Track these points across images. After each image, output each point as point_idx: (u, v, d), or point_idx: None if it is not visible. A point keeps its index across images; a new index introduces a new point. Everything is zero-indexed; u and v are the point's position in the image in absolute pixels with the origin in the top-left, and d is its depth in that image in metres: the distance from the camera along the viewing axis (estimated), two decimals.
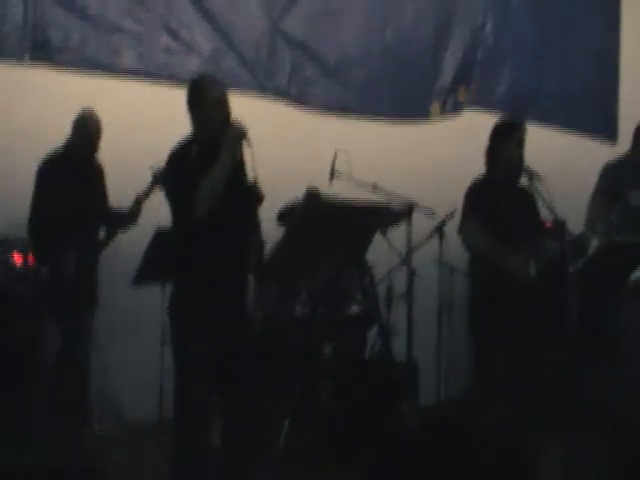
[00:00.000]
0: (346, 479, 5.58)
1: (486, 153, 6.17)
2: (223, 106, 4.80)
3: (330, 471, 5.69)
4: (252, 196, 4.82)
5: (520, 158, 6.08)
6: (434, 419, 6.15)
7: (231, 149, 4.71)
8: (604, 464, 5.74)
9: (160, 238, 6.26)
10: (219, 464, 4.97)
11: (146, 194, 6.43)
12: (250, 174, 4.80)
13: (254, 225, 5.10)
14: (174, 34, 7.50)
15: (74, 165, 6.44)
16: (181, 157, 4.80)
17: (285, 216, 6.40)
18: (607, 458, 5.81)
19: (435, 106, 8.37)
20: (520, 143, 6.09)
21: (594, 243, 6.69)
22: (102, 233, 6.66)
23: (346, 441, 5.82)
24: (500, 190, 6.06)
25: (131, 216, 6.50)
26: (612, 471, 5.53)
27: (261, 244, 5.16)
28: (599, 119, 9.09)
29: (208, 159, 4.69)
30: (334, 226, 5.25)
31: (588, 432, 6.32)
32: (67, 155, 6.48)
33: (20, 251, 6.72)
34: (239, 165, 4.84)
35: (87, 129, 6.44)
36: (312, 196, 6.58)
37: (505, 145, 6.08)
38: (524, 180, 6.14)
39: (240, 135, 4.72)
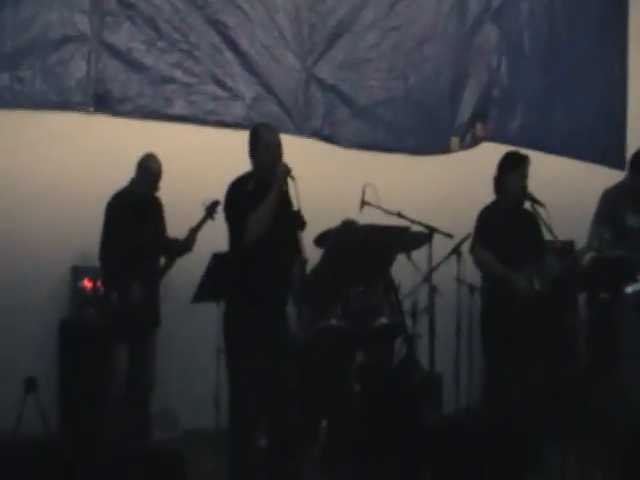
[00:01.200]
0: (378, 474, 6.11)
1: (494, 182, 6.89)
2: (276, 148, 5.49)
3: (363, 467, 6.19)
4: (297, 222, 5.40)
5: (524, 187, 6.74)
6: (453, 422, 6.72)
7: (278, 184, 5.33)
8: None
9: (217, 261, 6.50)
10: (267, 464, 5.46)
11: (199, 225, 7.01)
12: (295, 204, 5.40)
13: (298, 247, 5.48)
14: (220, 83, 8.13)
15: (138, 202, 6.93)
16: (239, 190, 5.46)
17: (320, 240, 6.83)
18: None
19: (455, 141, 9.07)
20: (524, 174, 6.77)
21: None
22: (162, 261, 7.16)
23: (377, 439, 6.28)
24: (506, 215, 6.75)
25: (187, 245, 7.04)
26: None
27: (304, 264, 5.51)
28: (607, 149, 9.73)
29: (262, 193, 5.34)
30: (364, 247, 5.78)
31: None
32: (132, 193, 6.96)
33: (90, 278, 7.42)
34: (286, 196, 5.47)
35: (150, 170, 6.95)
36: (347, 223, 7.17)
37: (510, 176, 6.79)
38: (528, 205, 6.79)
39: (285, 171, 5.35)
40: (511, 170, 6.82)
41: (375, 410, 6.44)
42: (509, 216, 6.77)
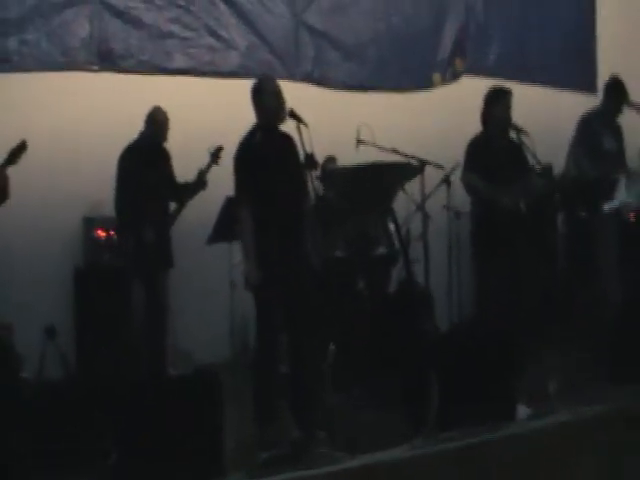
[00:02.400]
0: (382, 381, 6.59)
1: (481, 115, 7.42)
2: (279, 95, 5.96)
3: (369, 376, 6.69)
4: (309, 163, 5.87)
5: (508, 118, 7.30)
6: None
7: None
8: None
9: (230, 203, 6.90)
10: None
11: (206, 169, 7.39)
12: (307, 147, 5.86)
13: (306, 186, 5.97)
14: (216, 35, 8.51)
15: (148, 152, 7.25)
16: (247, 144, 5.93)
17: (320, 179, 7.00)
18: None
19: (437, 76, 9.55)
20: (507, 106, 7.32)
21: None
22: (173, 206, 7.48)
23: (381, 350, 6.88)
24: (493, 144, 7.31)
25: (198, 185, 7.41)
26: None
27: (310, 201, 6.02)
28: (580, 74, 10.24)
29: (268, 142, 5.86)
30: (368, 183, 6.30)
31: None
32: (142, 145, 7.28)
33: (102, 229, 7.77)
34: (289, 141, 5.95)
35: (157, 122, 7.27)
36: (329, 159, 7.75)
37: (495, 108, 7.34)
38: (513, 134, 7.36)
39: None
40: (495, 103, 7.34)
41: (381, 328, 7.00)
42: (495, 145, 7.32)
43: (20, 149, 6.41)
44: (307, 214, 6.07)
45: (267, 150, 5.90)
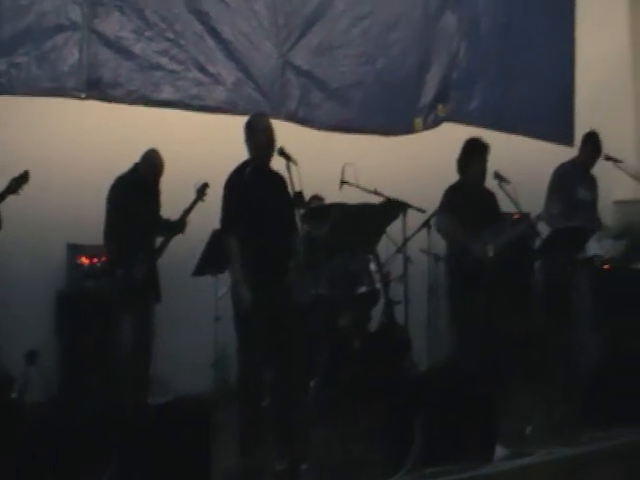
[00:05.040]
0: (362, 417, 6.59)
1: (457, 163, 7.61)
2: (269, 132, 6.09)
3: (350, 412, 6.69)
4: (298, 201, 6.00)
5: (484, 169, 7.53)
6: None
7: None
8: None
9: (216, 237, 6.92)
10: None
11: (191, 207, 7.40)
12: (295, 186, 5.97)
13: (295, 223, 6.12)
14: (204, 70, 8.53)
15: (141, 187, 7.31)
16: (236, 177, 6.04)
17: (307, 217, 7.10)
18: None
19: (418, 122, 9.65)
20: (484, 160, 7.54)
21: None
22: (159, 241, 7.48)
23: (362, 387, 6.89)
24: (468, 192, 7.49)
25: (180, 226, 7.42)
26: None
27: (298, 240, 6.12)
28: (557, 127, 10.43)
29: (258, 177, 5.96)
30: (356, 224, 6.47)
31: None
32: (135, 178, 7.33)
33: (86, 256, 7.79)
34: (279, 179, 6.06)
35: (153, 165, 7.36)
36: (315, 198, 7.79)
37: (471, 160, 7.55)
38: (494, 182, 7.55)
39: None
40: (472, 155, 7.56)
41: (361, 368, 7.05)
42: (470, 193, 7.50)
43: (22, 179, 6.51)
44: (293, 251, 6.13)
45: (256, 185, 5.99)
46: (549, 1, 10.69)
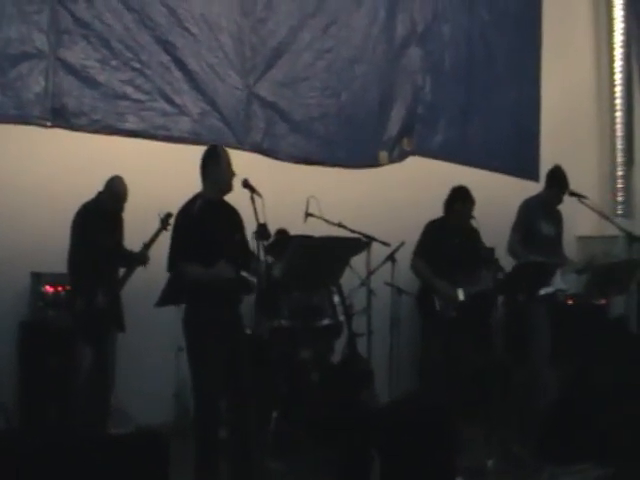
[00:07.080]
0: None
1: (444, 204, 7.99)
2: (227, 167, 6.07)
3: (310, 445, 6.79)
4: (262, 234, 5.95)
5: (468, 217, 7.79)
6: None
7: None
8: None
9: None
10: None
11: (153, 237, 7.47)
12: (260, 218, 5.95)
13: (251, 256, 6.10)
14: (169, 100, 8.49)
15: (105, 216, 7.37)
16: (185, 212, 6.02)
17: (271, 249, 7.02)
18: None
19: (383, 155, 9.66)
20: (469, 209, 7.85)
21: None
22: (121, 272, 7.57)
23: (322, 421, 6.92)
24: (449, 231, 7.74)
25: (142, 259, 7.51)
26: None
27: (258, 271, 6.12)
28: (522, 162, 10.51)
29: (208, 211, 5.93)
30: (316, 256, 6.48)
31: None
32: (100, 207, 7.40)
33: (50, 284, 7.79)
34: (233, 213, 6.07)
35: (117, 192, 7.41)
36: (280, 232, 7.82)
37: (456, 206, 7.92)
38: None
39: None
40: (457, 202, 7.91)
41: (322, 400, 7.06)
42: (452, 232, 7.70)
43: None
44: (247, 282, 6.16)
45: (205, 218, 5.94)
46: (515, 37, 10.76)
